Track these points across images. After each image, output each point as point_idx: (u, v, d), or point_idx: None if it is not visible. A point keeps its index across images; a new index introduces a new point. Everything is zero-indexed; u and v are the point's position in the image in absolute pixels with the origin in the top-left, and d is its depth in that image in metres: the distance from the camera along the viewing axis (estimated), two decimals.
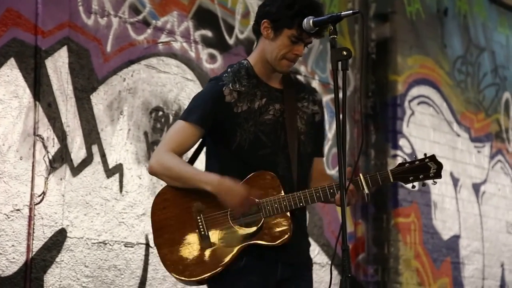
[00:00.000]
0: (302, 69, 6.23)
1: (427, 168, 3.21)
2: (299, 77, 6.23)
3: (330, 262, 6.00)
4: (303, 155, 3.27)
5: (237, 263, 3.13)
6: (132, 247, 4.84)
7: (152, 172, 3.23)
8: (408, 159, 3.23)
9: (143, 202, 4.89)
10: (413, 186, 3.24)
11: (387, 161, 6.79)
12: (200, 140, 3.30)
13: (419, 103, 7.15)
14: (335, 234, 6.10)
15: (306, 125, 3.30)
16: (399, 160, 6.78)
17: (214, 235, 3.14)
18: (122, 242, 4.79)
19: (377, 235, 6.75)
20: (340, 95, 2.92)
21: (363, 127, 6.93)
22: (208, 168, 3.29)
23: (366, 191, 3.10)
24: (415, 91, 7.11)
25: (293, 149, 3.21)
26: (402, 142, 6.87)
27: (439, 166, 3.22)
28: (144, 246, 4.90)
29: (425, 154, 3.23)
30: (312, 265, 3.38)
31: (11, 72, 4.30)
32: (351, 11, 3.01)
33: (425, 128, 7.17)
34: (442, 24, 7.49)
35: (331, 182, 3.19)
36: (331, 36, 2.95)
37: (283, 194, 3.13)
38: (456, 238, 7.38)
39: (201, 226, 3.14)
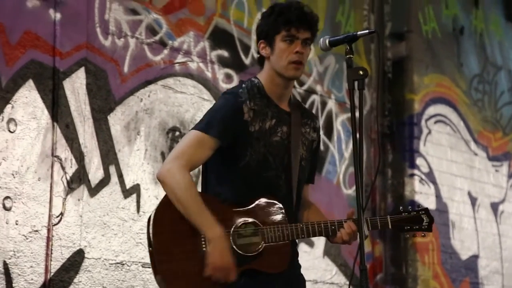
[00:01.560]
0: (318, 88, 6.24)
1: (421, 220, 3.27)
2: (315, 96, 6.23)
3: (348, 283, 5.97)
4: (301, 180, 3.29)
5: (237, 283, 3.11)
6: (149, 267, 4.83)
7: (160, 180, 3.14)
8: (405, 208, 3.32)
9: None
10: (408, 235, 3.33)
11: (404, 180, 6.77)
12: None
13: (436, 122, 7.14)
14: (353, 254, 6.07)
15: (306, 151, 3.31)
16: (416, 179, 6.77)
17: None
18: (139, 262, 4.79)
19: (395, 255, 6.72)
20: (357, 114, 2.93)
21: (380, 146, 6.92)
22: (204, 180, 3.26)
23: (366, 232, 3.11)
24: (431, 110, 7.10)
25: (295, 174, 3.22)
26: (419, 161, 6.85)
27: (431, 219, 3.28)
28: None
29: (418, 206, 3.32)
30: (305, 285, 3.36)
31: (30, 93, 4.33)
32: (367, 31, 3.02)
33: (442, 147, 7.14)
34: (458, 42, 7.49)
35: (315, 210, 3.32)
36: (347, 56, 2.96)
37: (286, 223, 3.14)
38: (474, 258, 7.33)
39: (203, 243, 3.10)
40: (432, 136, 7.04)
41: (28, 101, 4.32)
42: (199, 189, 3.23)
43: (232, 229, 3.11)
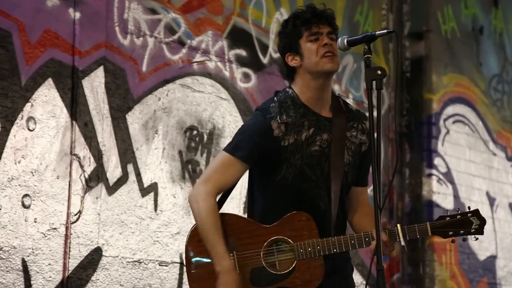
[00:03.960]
0: (336, 87, 6.23)
1: (469, 223, 3.10)
2: None
3: (364, 282, 5.96)
4: (345, 187, 3.21)
5: None
6: (166, 266, 4.85)
7: (189, 203, 3.23)
8: (449, 212, 3.13)
9: (177, 221, 4.91)
10: (453, 241, 3.13)
11: (422, 180, 6.75)
12: None
13: (454, 122, 7.11)
14: (370, 254, 6.05)
15: (352, 156, 3.22)
16: (434, 179, 6.75)
17: (246, 274, 3.11)
18: (156, 261, 4.81)
19: (412, 255, 6.70)
20: (375, 114, 2.92)
21: (398, 146, 6.90)
22: (250, 195, 3.27)
23: (402, 242, 3.03)
24: (450, 109, 7.07)
25: (336, 182, 3.15)
26: (437, 161, 6.82)
27: (482, 221, 3.11)
28: (178, 265, 4.91)
29: (468, 208, 3.13)
30: None
31: (49, 92, 4.36)
32: (386, 31, 3.00)
33: (460, 147, 7.11)
34: (478, 42, 7.45)
35: (370, 220, 3.12)
36: (366, 56, 2.93)
37: (317, 237, 3.09)
38: (492, 258, 7.29)
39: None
40: (450, 136, 7.01)
41: (47, 99, 4.35)
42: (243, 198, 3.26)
43: (263, 248, 3.11)
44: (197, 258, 3.18)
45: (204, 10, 5.27)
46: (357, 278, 6.04)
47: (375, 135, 2.89)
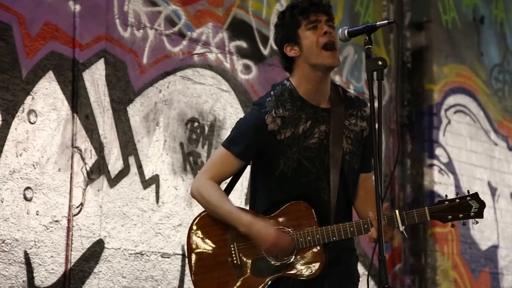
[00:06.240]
0: (337, 78, 6.23)
1: (468, 206, 3.04)
2: None
3: (366, 273, 5.97)
4: (349, 176, 3.21)
5: (286, 284, 3.11)
6: (168, 257, 4.86)
7: (192, 197, 3.26)
8: (448, 196, 3.11)
9: (179, 213, 4.92)
10: (453, 225, 3.09)
11: (423, 170, 6.75)
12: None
13: (455, 112, 7.10)
14: (372, 244, 6.07)
15: (352, 144, 3.21)
16: (436, 170, 6.75)
17: (246, 265, 3.12)
18: (158, 252, 4.82)
19: (414, 245, 6.71)
20: (376, 104, 2.92)
21: (399, 137, 6.90)
22: (252, 190, 3.29)
23: (401, 228, 3.02)
24: (451, 100, 7.07)
25: (334, 172, 3.14)
26: (438, 151, 6.83)
27: (482, 205, 3.05)
28: (180, 256, 4.92)
29: (468, 191, 3.09)
30: (359, 279, 3.33)
31: (50, 84, 4.36)
32: (386, 21, 3.00)
33: (461, 137, 7.11)
34: (479, 32, 7.44)
35: (372, 206, 3.10)
36: (366, 46, 2.93)
37: (316, 225, 3.09)
38: (494, 248, 7.30)
39: (234, 255, 3.14)
40: (451, 126, 7.01)
41: (48, 92, 4.35)
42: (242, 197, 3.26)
43: None
44: (199, 250, 3.19)
45: (204, 2, 5.26)
46: (359, 268, 6.04)
47: (376, 126, 2.90)
